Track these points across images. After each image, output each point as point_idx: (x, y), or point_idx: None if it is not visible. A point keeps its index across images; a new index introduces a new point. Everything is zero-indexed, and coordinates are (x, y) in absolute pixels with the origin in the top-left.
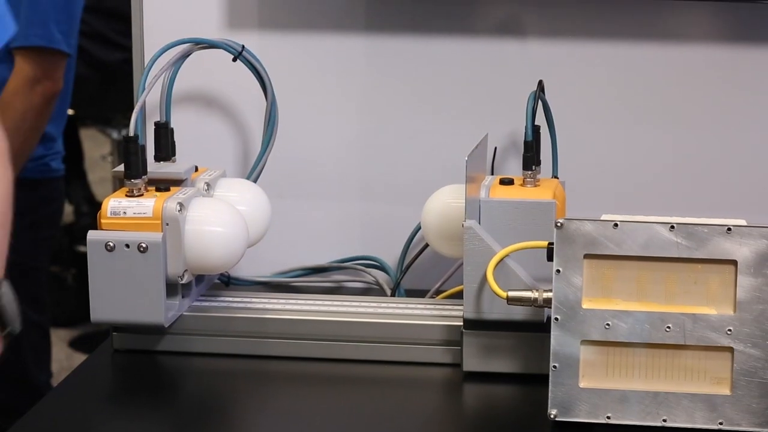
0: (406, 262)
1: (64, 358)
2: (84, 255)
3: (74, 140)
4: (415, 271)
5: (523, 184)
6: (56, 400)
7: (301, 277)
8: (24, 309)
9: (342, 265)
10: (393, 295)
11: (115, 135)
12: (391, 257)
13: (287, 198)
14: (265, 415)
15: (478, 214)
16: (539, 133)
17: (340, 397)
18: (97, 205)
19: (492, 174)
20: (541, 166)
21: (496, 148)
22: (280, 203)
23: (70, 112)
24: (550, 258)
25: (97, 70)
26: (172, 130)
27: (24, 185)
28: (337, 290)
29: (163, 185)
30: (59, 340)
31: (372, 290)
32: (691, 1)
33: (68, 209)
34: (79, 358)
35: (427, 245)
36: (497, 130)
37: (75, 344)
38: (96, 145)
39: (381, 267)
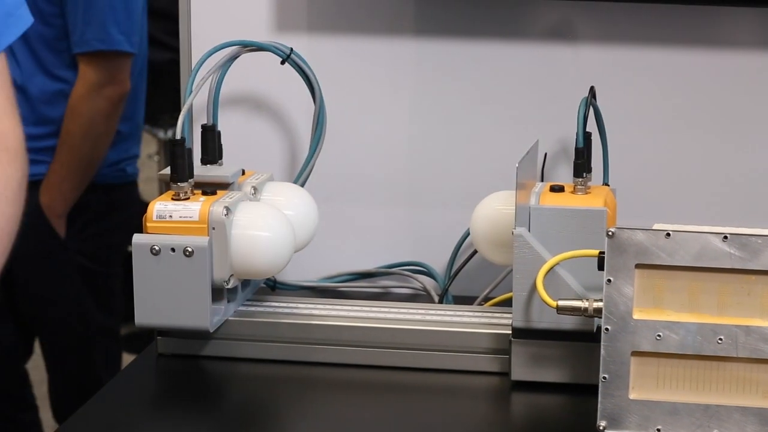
0: (455, 268)
1: None
2: (129, 255)
3: None
4: (464, 277)
5: (574, 191)
6: (100, 404)
7: (348, 282)
8: (96, 314)
9: (389, 271)
10: (441, 301)
11: (161, 135)
12: (439, 263)
13: (335, 202)
14: (310, 422)
15: (528, 221)
16: (590, 139)
17: (385, 405)
18: (143, 205)
19: (542, 180)
20: (592, 173)
21: (546, 154)
22: (328, 207)
23: None
24: (600, 267)
25: None
26: (219, 133)
27: (98, 190)
28: (384, 296)
29: (209, 189)
30: None
31: (419, 296)
32: (745, 7)
33: None
34: (125, 357)
35: (475, 251)
36: (548, 136)
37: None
38: (143, 145)
39: (429, 273)
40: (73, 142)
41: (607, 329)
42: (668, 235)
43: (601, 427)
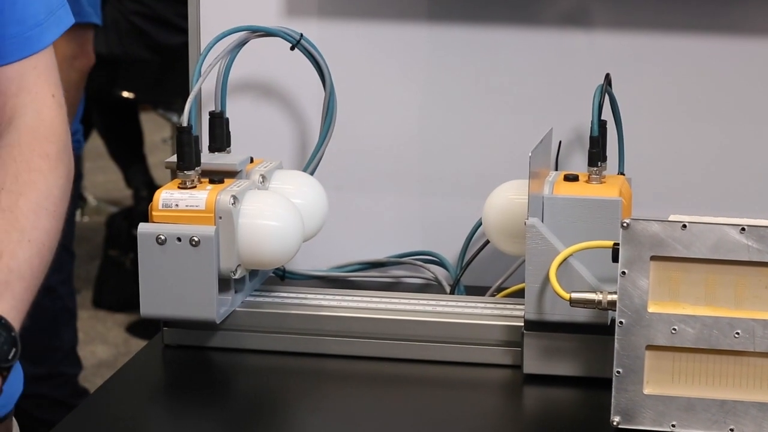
0: (467, 258)
1: (121, 343)
2: (129, 239)
3: (134, 124)
4: (476, 267)
5: (589, 180)
6: (105, 396)
7: (358, 272)
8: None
9: (400, 261)
10: (452, 292)
11: (175, 119)
12: (450, 253)
13: (345, 191)
14: (318, 414)
15: (542, 211)
16: (605, 128)
17: (395, 397)
18: (156, 189)
19: (556, 169)
20: (607, 162)
21: (560, 142)
22: (338, 196)
23: (131, 95)
24: (615, 259)
25: (158, 54)
26: (227, 120)
27: None
28: (394, 286)
29: (216, 177)
30: (116, 325)
31: (431, 286)
32: None
33: (127, 193)
34: (136, 343)
35: (488, 241)
36: (562, 124)
37: (132, 329)
38: (156, 129)
39: (440, 263)
40: None
41: (621, 322)
42: (684, 226)
43: (615, 423)
